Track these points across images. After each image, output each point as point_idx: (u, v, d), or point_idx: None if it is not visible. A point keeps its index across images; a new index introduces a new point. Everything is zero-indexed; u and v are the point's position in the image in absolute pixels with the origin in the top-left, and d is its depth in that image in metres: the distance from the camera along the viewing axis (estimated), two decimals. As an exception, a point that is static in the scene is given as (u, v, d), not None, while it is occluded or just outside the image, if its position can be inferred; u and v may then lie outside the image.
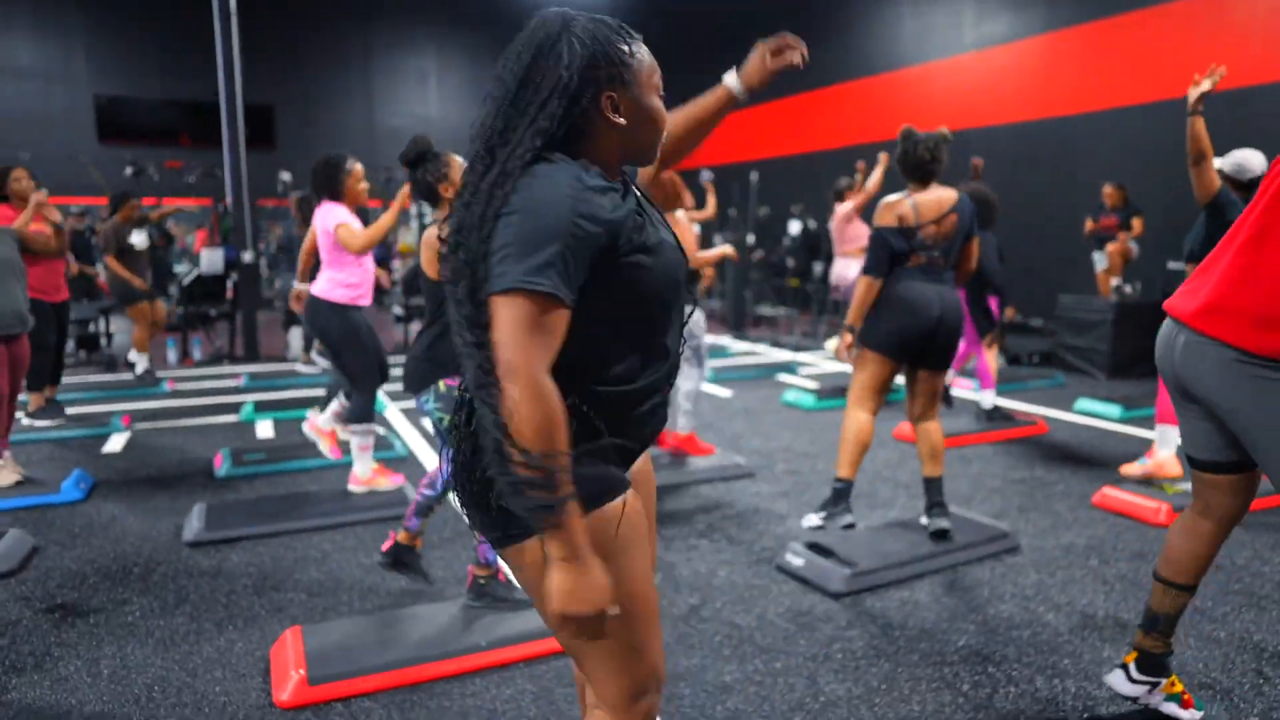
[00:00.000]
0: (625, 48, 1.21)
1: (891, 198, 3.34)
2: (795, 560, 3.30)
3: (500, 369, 1.06)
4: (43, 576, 3.32)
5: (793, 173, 13.50)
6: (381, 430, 5.33)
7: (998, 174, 9.92)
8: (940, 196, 3.28)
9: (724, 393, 7.06)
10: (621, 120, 1.22)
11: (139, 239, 6.95)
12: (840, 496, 3.38)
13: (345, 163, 3.98)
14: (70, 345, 8.73)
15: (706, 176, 12.20)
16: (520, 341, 1.06)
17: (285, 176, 11.71)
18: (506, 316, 1.07)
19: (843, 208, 6.79)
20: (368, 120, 15.71)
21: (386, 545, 3.04)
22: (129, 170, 12.09)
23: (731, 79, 1.70)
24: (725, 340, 10.48)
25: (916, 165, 3.28)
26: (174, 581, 3.26)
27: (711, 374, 7.75)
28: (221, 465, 4.69)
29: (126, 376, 7.61)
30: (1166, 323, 2.08)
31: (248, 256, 8.49)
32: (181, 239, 14.47)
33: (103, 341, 9.07)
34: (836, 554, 3.26)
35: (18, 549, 3.48)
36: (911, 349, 3.30)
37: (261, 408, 6.29)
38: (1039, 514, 4.01)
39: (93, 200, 13.05)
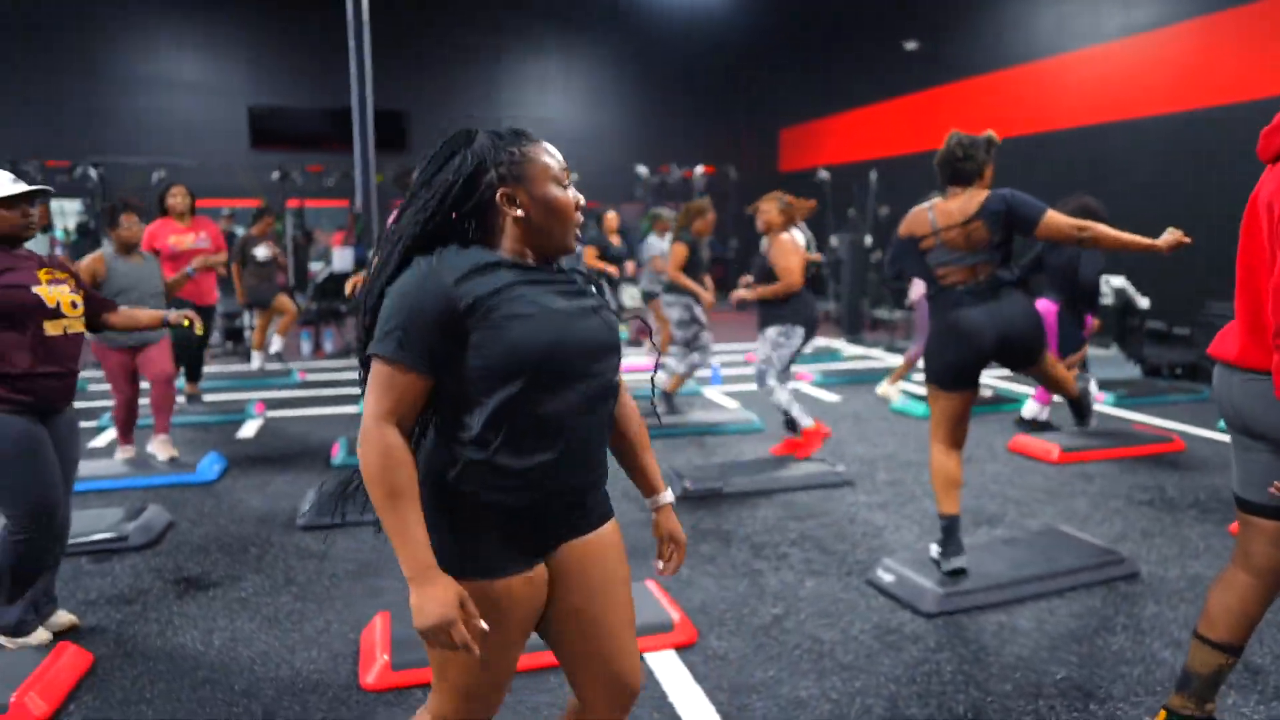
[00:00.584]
0: (514, 150, 1.39)
1: (918, 206, 3.16)
2: (886, 576, 3.19)
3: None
4: (174, 550, 3.61)
5: (916, 171, 13.02)
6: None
7: (1141, 170, 9.24)
8: (966, 201, 3.00)
9: (831, 397, 6.89)
10: (519, 211, 1.39)
11: (262, 253, 7.44)
12: (948, 535, 3.14)
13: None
14: (216, 337, 9.45)
15: (822, 176, 11.96)
16: (369, 396, 1.31)
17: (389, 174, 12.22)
18: (370, 375, 1.33)
19: None
20: (494, 123, 16.16)
21: None
22: (275, 174, 12.97)
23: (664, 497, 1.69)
24: (838, 344, 10.23)
25: (945, 163, 3.04)
26: (284, 562, 3.47)
27: (819, 377, 7.59)
28: (338, 453, 4.96)
29: (271, 366, 8.18)
30: (1217, 367, 2.00)
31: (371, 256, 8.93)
32: (324, 239, 15.42)
33: (246, 334, 9.77)
34: (931, 572, 3.12)
35: (156, 523, 3.79)
36: (971, 379, 3.07)
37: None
38: (1164, 540, 3.71)
39: (244, 202, 14.06)
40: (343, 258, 9.33)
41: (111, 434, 5.63)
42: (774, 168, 17.40)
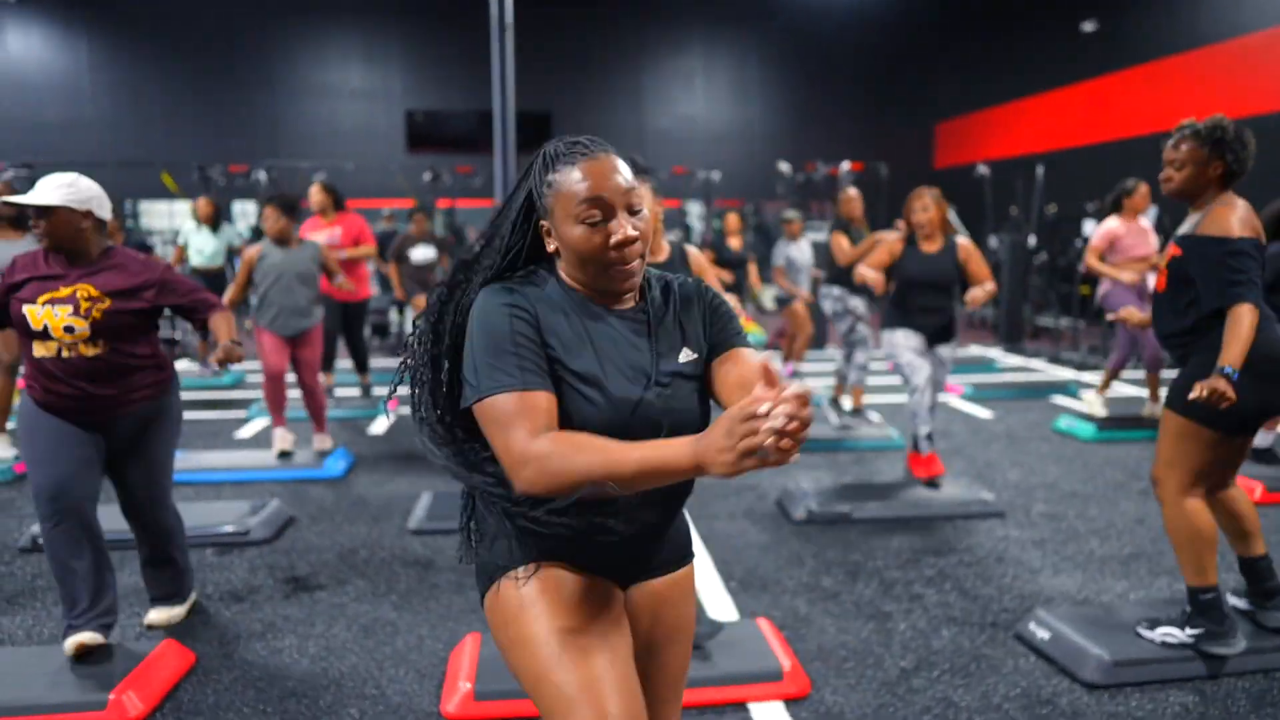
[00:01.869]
0: (550, 177, 1.23)
1: (1229, 201, 2.51)
2: (1040, 632, 2.75)
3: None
4: (290, 547, 3.65)
5: (1088, 165, 11.89)
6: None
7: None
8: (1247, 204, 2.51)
9: (983, 413, 6.30)
10: (553, 245, 1.27)
11: (418, 254, 7.56)
12: (1208, 610, 2.52)
13: None
14: (366, 331, 9.85)
15: (981, 172, 11.11)
16: (503, 437, 1.18)
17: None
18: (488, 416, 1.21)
19: (1108, 225, 5.49)
20: (637, 122, 16.21)
21: None
22: (427, 175, 13.45)
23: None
24: (994, 353, 9.45)
25: (1246, 162, 2.49)
26: (389, 568, 3.42)
27: (970, 390, 6.97)
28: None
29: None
30: None
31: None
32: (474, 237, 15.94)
33: (394, 330, 10.12)
34: (1097, 631, 2.66)
35: (277, 519, 3.86)
36: (1259, 423, 2.51)
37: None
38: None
39: (399, 203, 14.69)
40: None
41: (259, 425, 5.89)
42: (928, 164, 16.47)
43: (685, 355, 1.29)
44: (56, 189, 2.47)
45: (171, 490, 2.79)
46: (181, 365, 8.36)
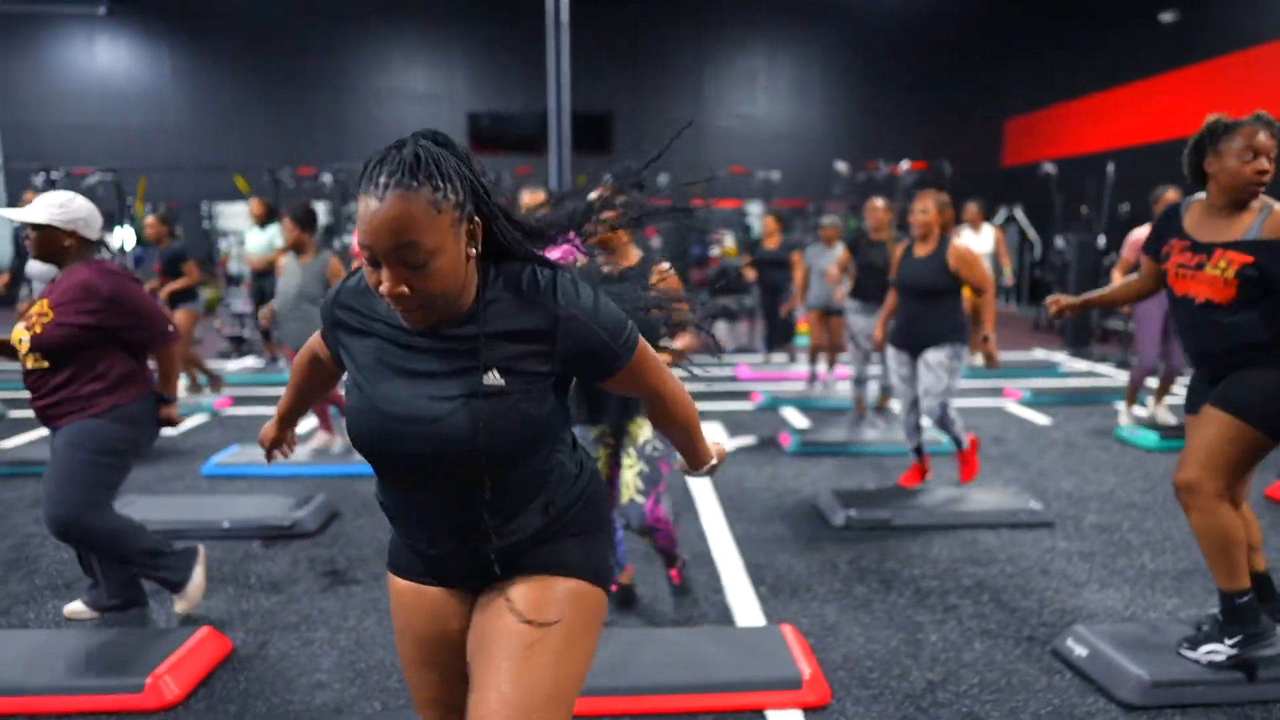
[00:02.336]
0: (356, 200, 1.20)
1: None
2: (1078, 648, 2.64)
3: None
4: (330, 541, 3.74)
5: (1163, 162, 11.40)
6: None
7: None
8: None
9: (1041, 419, 6.09)
10: None
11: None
12: (1245, 614, 2.41)
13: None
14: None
15: (1046, 170, 10.76)
16: None
17: (606, 178, 12.37)
18: None
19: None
20: (697, 121, 16.16)
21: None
22: (489, 177, 13.64)
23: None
24: (1059, 357, 9.14)
25: None
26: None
27: (1029, 395, 6.75)
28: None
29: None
30: None
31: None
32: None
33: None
34: (1138, 649, 2.55)
35: (321, 513, 3.96)
36: None
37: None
38: None
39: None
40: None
41: (311, 421, 6.05)
42: (996, 162, 16.02)
43: (489, 379, 1.22)
44: (47, 207, 2.56)
45: (94, 509, 2.60)
46: (247, 361, 8.66)
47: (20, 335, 2.56)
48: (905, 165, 10.88)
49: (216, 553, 3.55)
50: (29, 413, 5.54)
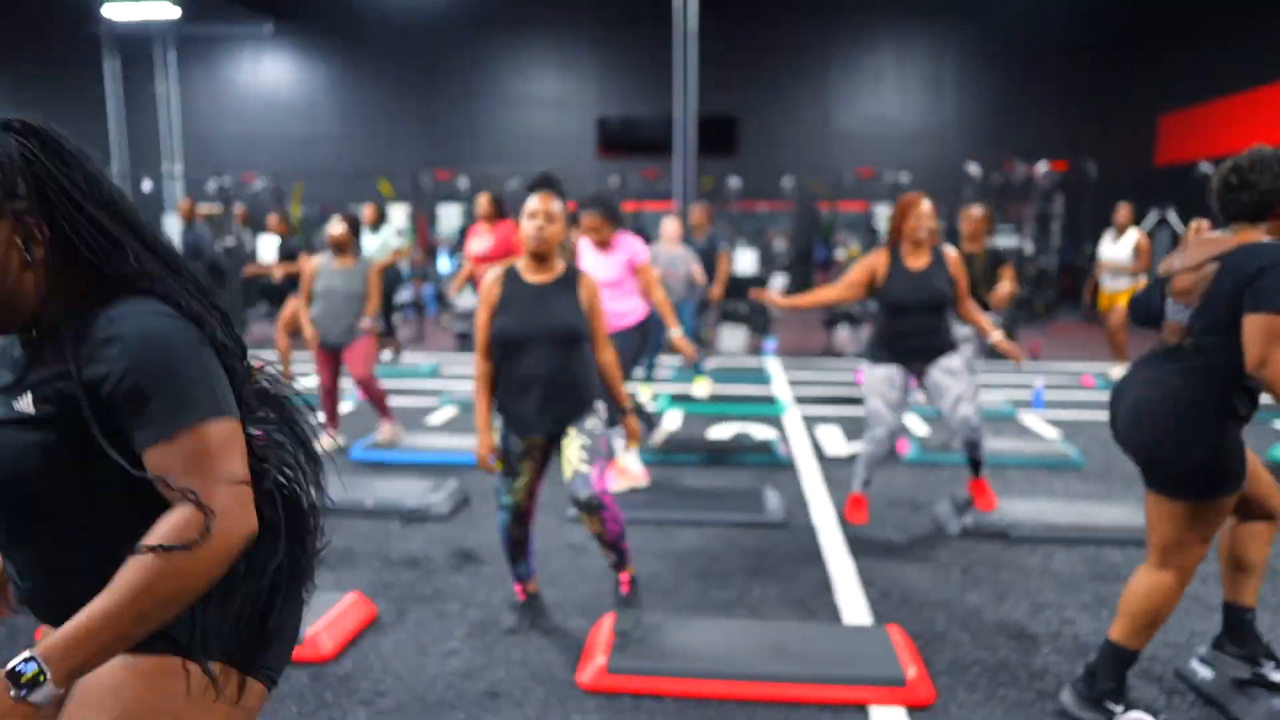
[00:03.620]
0: None
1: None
2: (1203, 670, 2.56)
3: None
4: (462, 524, 4.03)
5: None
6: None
7: None
8: (1221, 240, 2.21)
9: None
10: None
11: None
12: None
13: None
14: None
15: (1205, 170, 10.05)
16: None
17: (734, 182, 12.47)
18: None
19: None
20: (822, 124, 15.99)
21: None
22: (614, 180, 14.00)
23: None
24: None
25: (1217, 195, 2.26)
26: (545, 549, 3.67)
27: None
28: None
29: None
30: None
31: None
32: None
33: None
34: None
35: (454, 498, 4.26)
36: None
37: (676, 399, 6.82)
38: None
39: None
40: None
41: (449, 412, 6.46)
42: (1148, 161, 15.05)
43: (22, 403, 1.07)
44: None
45: None
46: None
47: None
48: (1044, 166, 10.41)
49: (362, 529, 3.89)
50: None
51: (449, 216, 15.39)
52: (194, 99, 16.73)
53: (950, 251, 3.82)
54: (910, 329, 3.71)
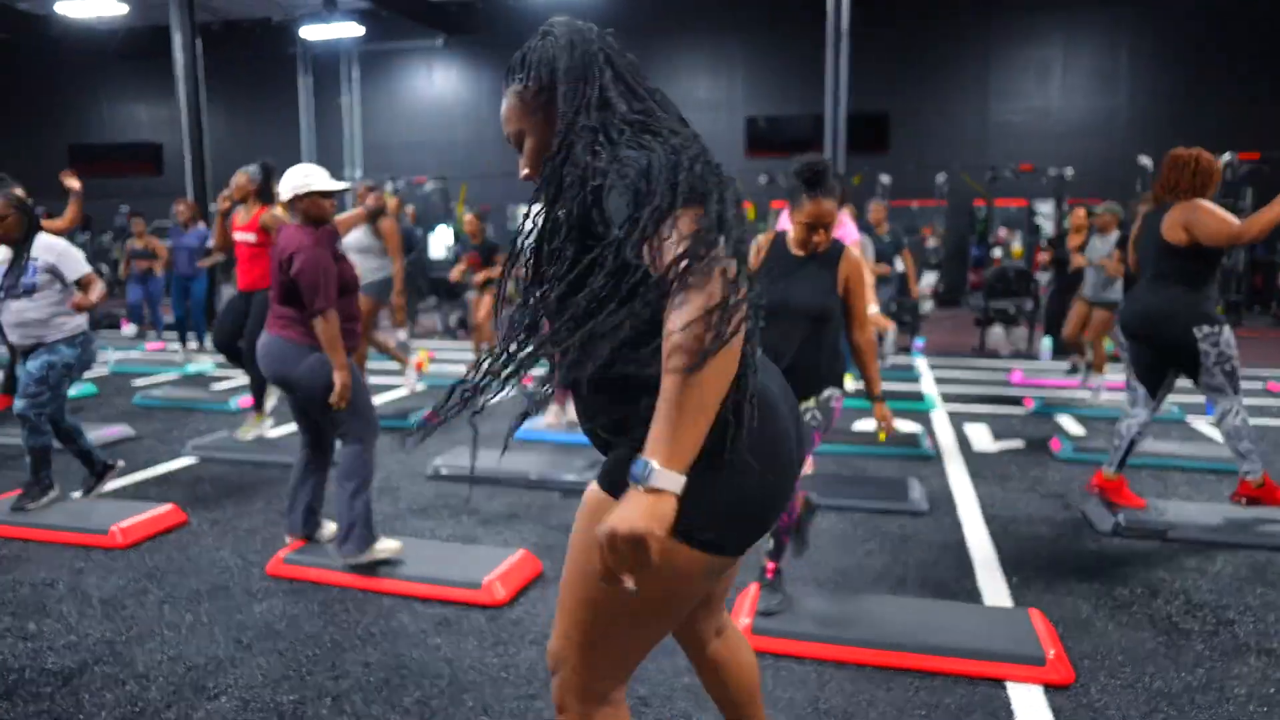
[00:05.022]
0: None
1: None
2: (1371, 674, 2.47)
3: None
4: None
5: None
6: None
7: None
8: None
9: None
10: None
11: None
12: None
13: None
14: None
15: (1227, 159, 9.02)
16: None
17: (884, 179, 12.27)
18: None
19: None
20: (980, 117, 15.43)
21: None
22: (762, 179, 14.09)
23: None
24: None
25: None
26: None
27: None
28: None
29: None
30: None
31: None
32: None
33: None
34: None
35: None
36: None
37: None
38: None
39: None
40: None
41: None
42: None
43: None
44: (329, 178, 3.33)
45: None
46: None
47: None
48: (1228, 157, 9.70)
49: (525, 499, 4.27)
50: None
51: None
52: (373, 109, 18.16)
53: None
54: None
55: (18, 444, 4.35)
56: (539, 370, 1.34)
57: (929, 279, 13.31)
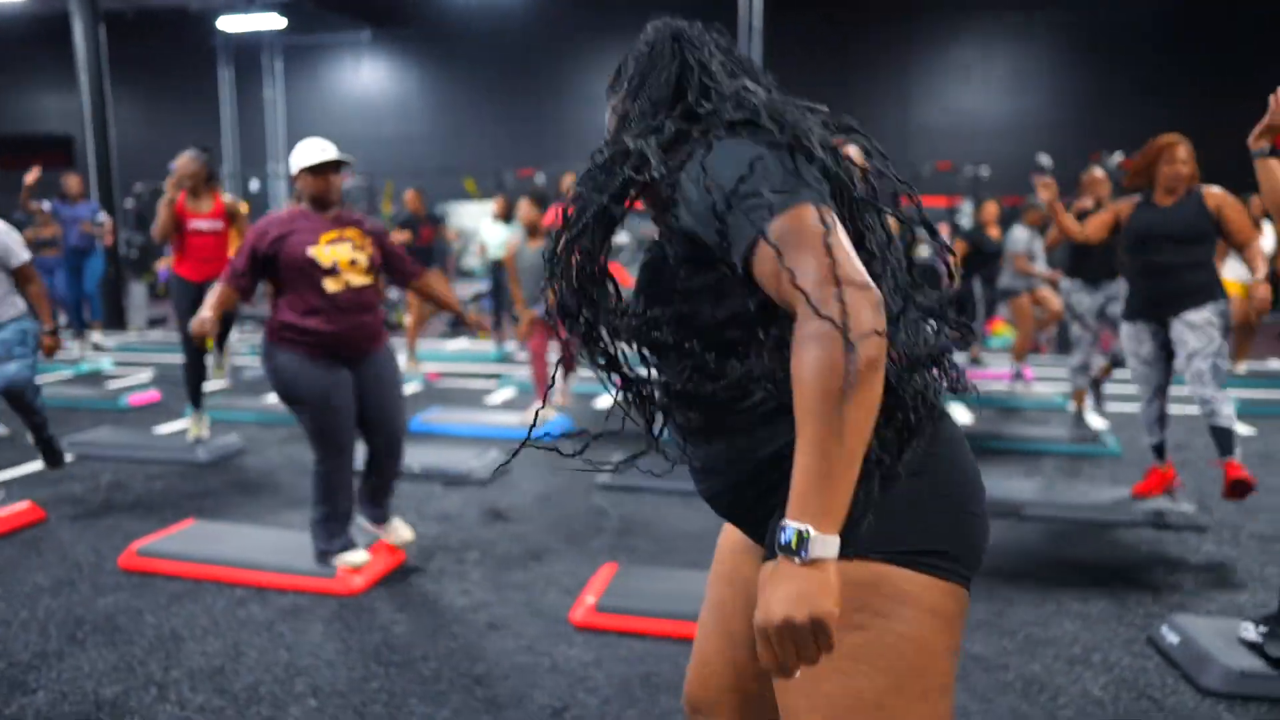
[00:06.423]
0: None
1: None
2: (1171, 636, 2.63)
3: None
4: (498, 489, 4.34)
5: None
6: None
7: None
8: None
9: (1243, 429, 5.59)
10: None
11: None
12: None
13: None
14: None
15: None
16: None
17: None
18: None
19: None
20: (901, 119, 15.79)
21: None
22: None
23: None
24: (1276, 364, 8.16)
25: None
26: (570, 512, 3.97)
27: (1237, 404, 6.17)
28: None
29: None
30: None
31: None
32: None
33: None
34: (1232, 641, 2.50)
35: (493, 466, 4.59)
36: None
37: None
38: None
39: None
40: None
41: (507, 393, 6.83)
42: (1242, 152, 14.25)
43: None
44: (322, 150, 3.01)
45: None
46: (462, 342, 9.74)
47: (352, 257, 2.99)
48: (1118, 158, 10.10)
49: (406, 490, 4.25)
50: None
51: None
52: (298, 104, 17.82)
53: (1211, 188, 3.49)
54: (1147, 274, 3.51)
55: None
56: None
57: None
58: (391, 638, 2.76)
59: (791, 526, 0.94)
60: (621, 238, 11.83)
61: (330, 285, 2.96)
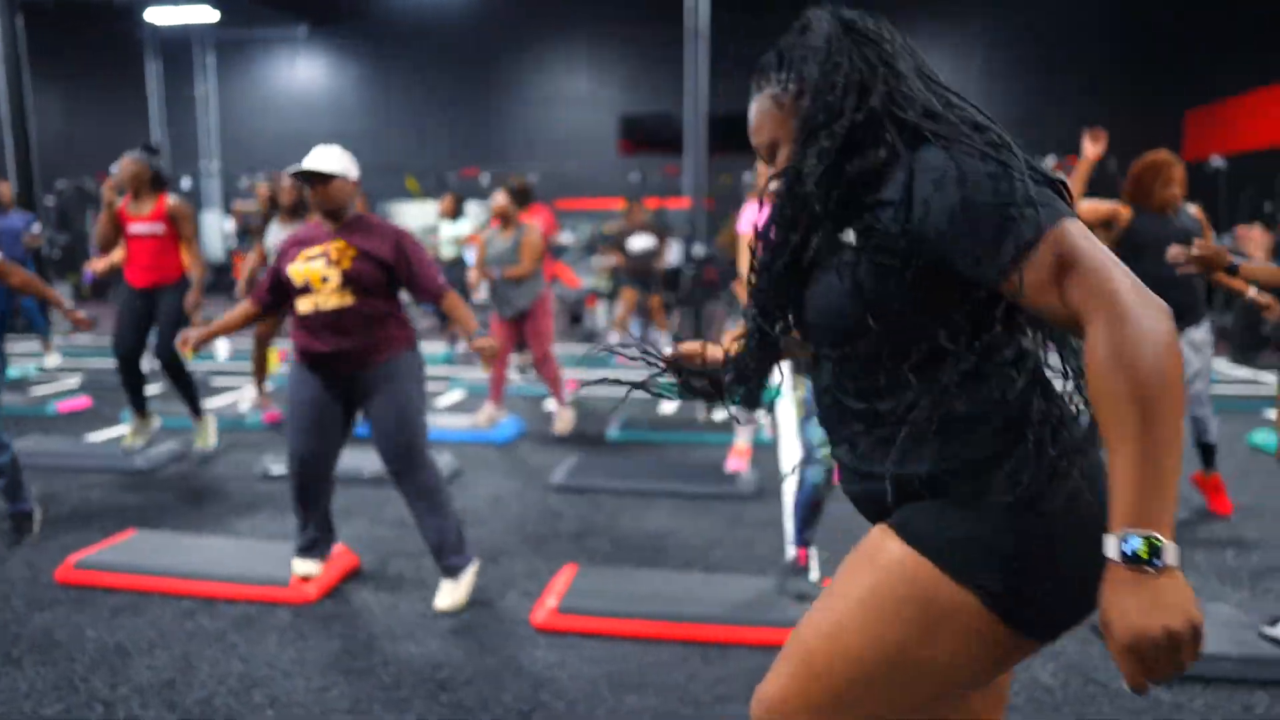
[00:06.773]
0: None
1: None
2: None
3: None
4: (452, 492, 4.28)
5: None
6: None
7: None
8: None
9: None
10: None
11: (638, 243, 8.30)
12: None
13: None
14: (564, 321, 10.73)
15: (1216, 165, 10.02)
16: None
17: (747, 178, 12.60)
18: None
19: None
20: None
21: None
22: (634, 176, 14.25)
23: None
24: (1220, 364, 8.56)
25: None
26: (525, 514, 3.95)
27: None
28: (611, 429, 5.43)
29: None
30: None
31: (698, 250, 9.46)
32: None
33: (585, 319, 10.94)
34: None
35: (446, 469, 4.53)
36: None
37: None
38: None
39: (612, 202, 15.65)
40: (677, 253, 10.09)
41: (457, 395, 6.75)
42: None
43: None
44: (339, 160, 2.80)
45: (425, 434, 2.97)
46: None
47: (323, 274, 2.72)
48: (1052, 160, 10.48)
49: (361, 495, 4.18)
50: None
51: (474, 213, 15.74)
52: (231, 100, 17.33)
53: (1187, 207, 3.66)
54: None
55: None
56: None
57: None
58: (350, 645, 2.71)
59: (1137, 535, 0.93)
60: (565, 237, 11.82)
61: (302, 305, 2.79)
